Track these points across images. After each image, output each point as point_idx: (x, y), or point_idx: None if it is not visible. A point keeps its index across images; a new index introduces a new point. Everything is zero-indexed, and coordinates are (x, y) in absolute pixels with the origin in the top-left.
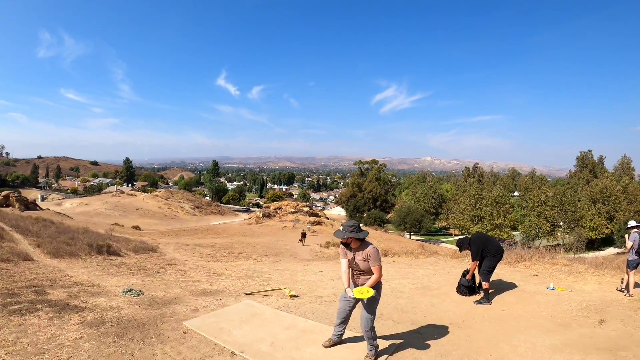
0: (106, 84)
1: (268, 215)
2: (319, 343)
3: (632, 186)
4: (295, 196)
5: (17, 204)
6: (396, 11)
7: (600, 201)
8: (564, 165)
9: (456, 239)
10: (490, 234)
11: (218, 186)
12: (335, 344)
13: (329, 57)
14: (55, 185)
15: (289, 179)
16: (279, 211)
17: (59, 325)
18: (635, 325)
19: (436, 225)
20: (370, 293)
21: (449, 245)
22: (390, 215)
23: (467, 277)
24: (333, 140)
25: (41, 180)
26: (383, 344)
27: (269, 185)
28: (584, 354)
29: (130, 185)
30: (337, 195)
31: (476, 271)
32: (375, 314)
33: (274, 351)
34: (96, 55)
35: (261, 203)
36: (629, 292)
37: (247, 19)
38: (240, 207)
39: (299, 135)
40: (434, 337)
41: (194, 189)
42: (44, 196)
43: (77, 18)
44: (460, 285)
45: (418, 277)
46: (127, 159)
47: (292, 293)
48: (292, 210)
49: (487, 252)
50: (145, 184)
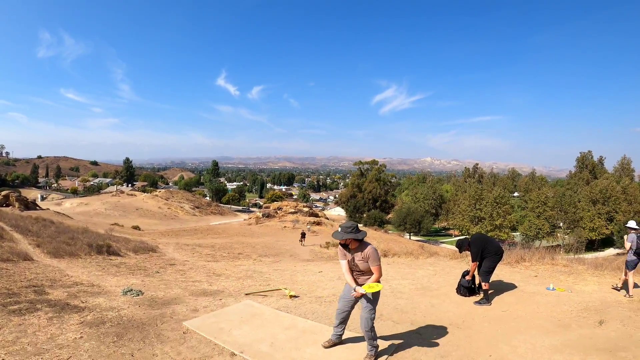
0: (106, 83)
1: (268, 216)
2: (318, 343)
3: (632, 187)
4: (295, 196)
5: (17, 204)
6: (396, 11)
7: (600, 202)
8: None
9: (456, 239)
10: (490, 234)
11: (218, 186)
12: (335, 345)
13: (329, 57)
14: (55, 185)
15: (288, 179)
16: (278, 211)
17: (59, 325)
18: (635, 326)
19: (436, 226)
20: (379, 287)
21: (448, 245)
22: (390, 215)
23: (467, 278)
24: (333, 141)
25: (41, 180)
26: (383, 344)
27: (268, 185)
28: (584, 354)
29: (130, 185)
30: (337, 196)
31: (476, 272)
32: (374, 313)
33: (274, 351)
34: (96, 55)
35: (261, 203)
36: (629, 293)
37: (247, 19)
38: (240, 208)
39: (299, 136)
40: (433, 337)
41: (193, 189)
42: (44, 196)
43: (77, 18)
44: (460, 286)
45: (418, 278)
46: (127, 159)
47: (292, 293)
48: (292, 210)
49: (487, 253)
50: (145, 184)
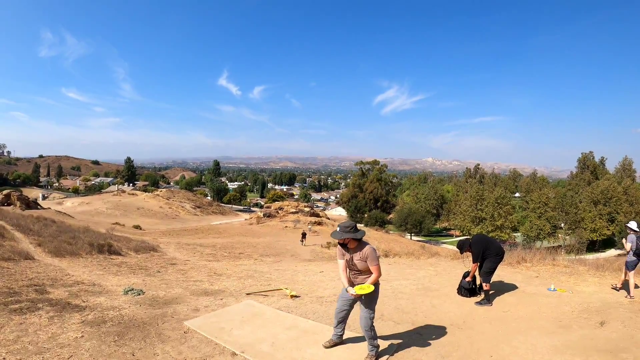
0: (108, 83)
1: (269, 216)
2: (319, 343)
3: (633, 188)
4: (296, 196)
5: (18, 203)
6: (398, 12)
7: (601, 203)
8: (565, 167)
9: (457, 240)
10: (491, 235)
11: (219, 186)
12: (335, 345)
13: (330, 58)
14: (57, 184)
15: (290, 179)
16: (280, 211)
17: (60, 325)
18: (636, 327)
19: (437, 226)
20: (370, 289)
21: (450, 246)
22: (391, 215)
23: (468, 280)
24: (334, 141)
25: (42, 179)
26: (384, 344)
27: (270, 185)
28: (585, 355)
29: (131, 184)
30: (338, 196)
31: (477, 272)
32: (374, 313)
33: (275, 351)
34: (98, 54)
35: (262, 203)
36: (630, 294)
37: (249, 20)
38: (242, 207)
39: (300, 136)
40: (434, 338)
41: (195, 188)
42: (45, 195)
43: (79, 17)
44: (461, 288)
45: (419, 278)
46: (129, 159)
47: (293, 293)
48: (293, 210)
49: (488, 254)
50: (147, 183)
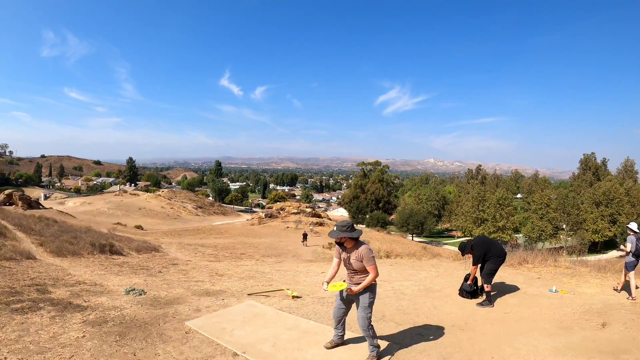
0: (109, 83)
1: (271, 216)
2: (321, 344)
3: (635, 189)
4: (298, 197)
5: (20, 203)
6: (400, 12)
7: (603, 204)
8: (567, 168)
9: (459, 241)
10: (492, 236)
11: (221, 186)
12: (337, 345)
13: (332, 58)
14: (59, 184)
15: (291, 179)
16: (281, 212)
17: (62, 324)
18: (638, 329)
19: (439, 227)
20: (343, 286)
21: (451, 247)
22: (392, 216)
23: (468, 283)
24: (336, 141)
25: (44, 179)
26: (385, 345)
27: (271, 185)
28: (587, 357)
29: (133, 184)
30: (339, 197)
31: (478, 274)
32: (371, 313)
33: (276, 352)
34: (100, 54)
35: (264, 203)
36: (632, 295)
37: (251, 20)
38: (243, 208)
39: (302, 136)
40: (436, 339)
41: (196, 189)
42: (47, 195)
43: (81, 17)
44: (463, 290)
45: (420, 279)
46: (130, 159)
47: (295, 294)
48: (295, 211)
49: (489, 256)
50: (148, 183)
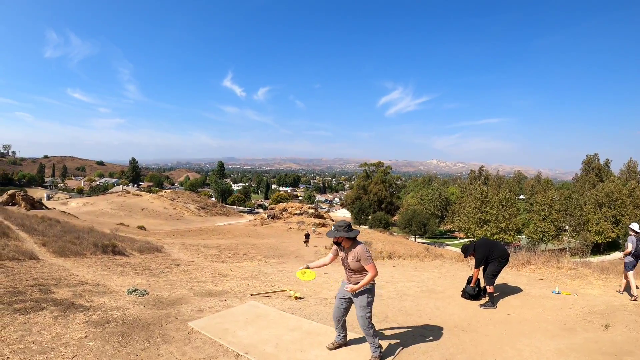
0: (112, 83)
1: (273, 217)
2: (323, 345)
3: (638, 190)
4: (300, 198)
5: (23, 203)
6: (402, 13)
7: (606, 205)
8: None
9: (461, 242)
10: (495, 237)
11: (223, 187)
12: (339, 346)
13: (335, 59)
14: (61, 184)
15: (294, 180)
16: (284, 213)
17: (64, 324)
18: None
19: (441, 228)
20: (312, 276)
21: (454, 248)
22: (395, 217)
23: (471, 285)
24: (338, 142)
25: (47, 179)
26: (387, 346)
27: (274, 186)
28: (589, 358)
29: (136, 185)
30: (342, 197)
31: (481, 275)
32: (370, 312)
33: (279, 353)
34: (103, 55)
35: (266, 204)
36: (633, 295)
37: (253, 21)
38: (246, 209)
39: (304, 137)
40: (438, 340)
41: (199, 189)
42: (50, 195)
43: (84, 18)
44: (465, 292)
45: (423, 280)
46: (133, 159)
47: (297, 295)
48: (298, 211)
49: (492, 258)
50: (151, 184)
